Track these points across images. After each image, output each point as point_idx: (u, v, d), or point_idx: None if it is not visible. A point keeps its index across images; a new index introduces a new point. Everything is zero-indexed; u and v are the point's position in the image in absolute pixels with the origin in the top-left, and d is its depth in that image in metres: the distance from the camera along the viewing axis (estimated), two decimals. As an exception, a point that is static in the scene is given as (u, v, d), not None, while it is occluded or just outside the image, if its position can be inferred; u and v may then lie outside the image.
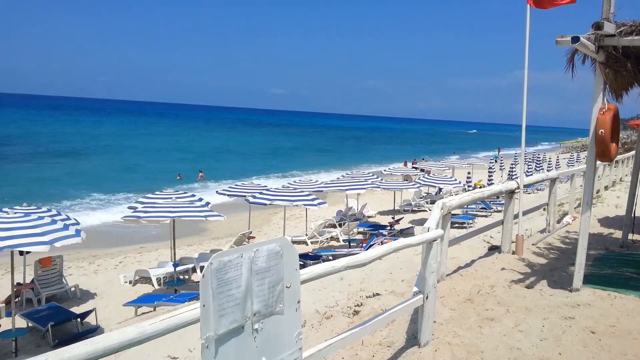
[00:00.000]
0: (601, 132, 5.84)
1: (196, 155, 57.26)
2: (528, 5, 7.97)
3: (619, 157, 18.67)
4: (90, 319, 10.80)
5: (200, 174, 38.62)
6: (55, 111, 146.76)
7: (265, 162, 54.80)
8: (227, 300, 2.53)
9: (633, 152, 12.38)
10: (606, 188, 17.11)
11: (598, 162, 6.75)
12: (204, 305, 2.45)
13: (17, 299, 12.23)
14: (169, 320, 2.54)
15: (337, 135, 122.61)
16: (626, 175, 19.75)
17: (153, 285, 13.64)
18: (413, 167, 35.25)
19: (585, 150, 43.49)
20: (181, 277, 14.14)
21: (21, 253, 11.50)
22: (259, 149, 71.18)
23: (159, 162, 49.22)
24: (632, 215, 9.01)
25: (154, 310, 11.21)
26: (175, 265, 13.74)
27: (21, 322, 10.34)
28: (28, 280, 12.59)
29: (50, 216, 12.36)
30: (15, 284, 12.71)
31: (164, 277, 13.87)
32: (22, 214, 11.39)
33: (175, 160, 50.29)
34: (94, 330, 10.39)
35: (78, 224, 13.07)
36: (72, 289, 12.93)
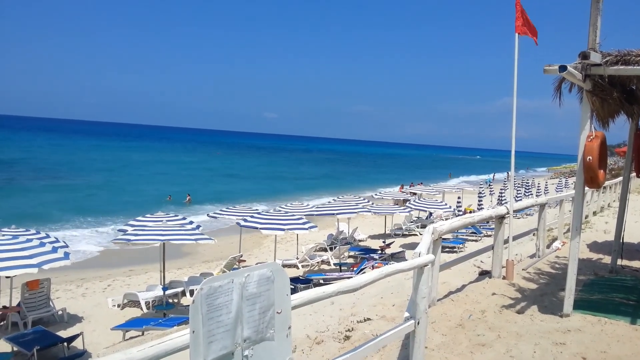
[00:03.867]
0: (589, 159, 5.92)
1: (188, 178, 57.08)
2: (517, 34, 8.18)
3: (607, 183, 18.85)
4: (77, 343, 10.62)
5: (188, 197, 38.70)
6: (51, 134, 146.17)
7: (257, 185, 54.69)
8: (217, 327, 2.51)
9: (620, 179, 12.53)
10: (594, 214, 17.24)
11: (586, 188, 6.82)
12: (193, 331, 2.43)
13: (2, 323, 12.04)
14: (157, 346, 2.52)
15: (328, 159, 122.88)
16: (614, 201, 19.92)
17: (142, 309, 13.47)
18: (411, 193, 35.22)
19: (573, 176, 43.94)
20: (170, 300, 13.98)
21: (7, 275, 11.34)
22: (251, 172, 71.13)
23: (150, 183, 49.06)
24: (621, 240, 9.07)
25: (142, 334, 11.05)
26: (165, 288, 13.59)
27: (6, 347, 10.13)
28: (14, 303, 12.39)
29: (39, 239, 12.27)
30: (0, 307, 12.54)
31: (153, 301, 13.71)
32: (10, 237, 11.29)
33: (166, 182, 50.11)
34: (81, 355, 10.20)
35: (67, 246, 12.95)
36: (59, 312, 12.73)
